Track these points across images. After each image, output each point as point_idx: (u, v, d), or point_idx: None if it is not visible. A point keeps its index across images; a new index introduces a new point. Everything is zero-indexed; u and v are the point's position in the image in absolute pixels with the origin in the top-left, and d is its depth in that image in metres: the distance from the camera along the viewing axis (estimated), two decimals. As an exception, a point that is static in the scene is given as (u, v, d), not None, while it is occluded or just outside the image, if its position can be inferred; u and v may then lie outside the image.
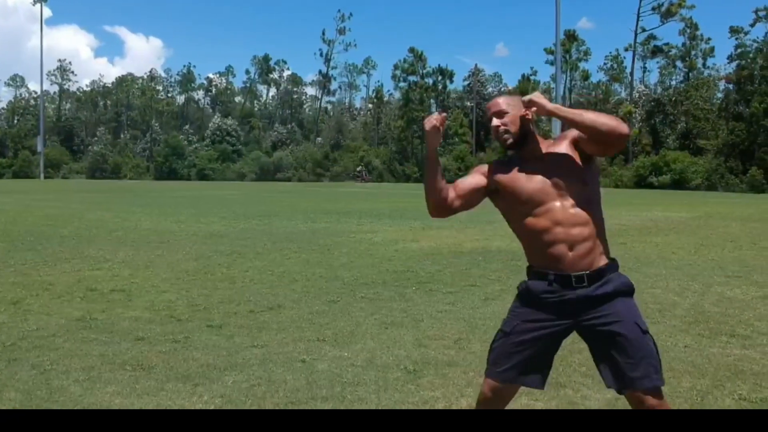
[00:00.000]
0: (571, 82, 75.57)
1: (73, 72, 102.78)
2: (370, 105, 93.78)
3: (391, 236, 13.13)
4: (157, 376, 4.35)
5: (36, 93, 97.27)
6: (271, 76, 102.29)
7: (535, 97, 2.71)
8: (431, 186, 2.76)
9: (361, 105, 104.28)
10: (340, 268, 9.04)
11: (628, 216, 18.61)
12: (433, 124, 2.70)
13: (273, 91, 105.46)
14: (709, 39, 72.21)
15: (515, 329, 2.71)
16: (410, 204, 25.36)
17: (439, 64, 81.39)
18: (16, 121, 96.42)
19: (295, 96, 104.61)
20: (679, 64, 74.16)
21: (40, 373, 4.38)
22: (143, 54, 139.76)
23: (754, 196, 39.74)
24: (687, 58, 72.16)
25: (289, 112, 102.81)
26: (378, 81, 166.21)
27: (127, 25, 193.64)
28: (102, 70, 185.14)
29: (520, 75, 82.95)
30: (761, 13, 62.06)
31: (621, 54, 74.38)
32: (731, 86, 61.77)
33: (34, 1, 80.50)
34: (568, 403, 3.94)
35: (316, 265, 9.30)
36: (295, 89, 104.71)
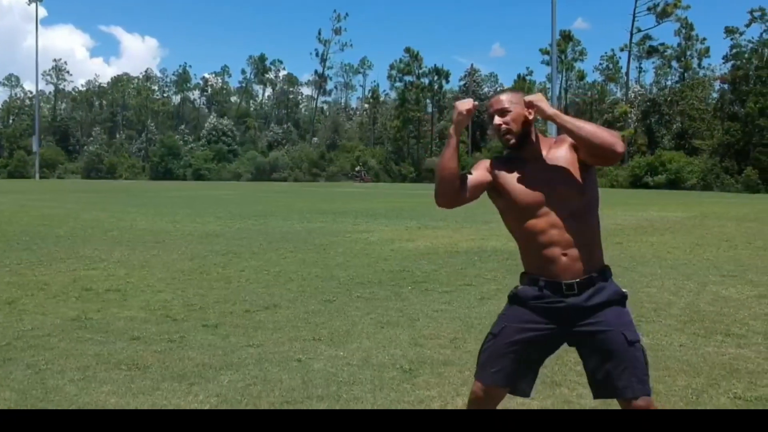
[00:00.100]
0: (566, 82, 75.85)
1: (68, 72, 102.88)
2: (366, 105, 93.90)
3: (387, 236, 13.13)
4: (152, 376, 4.34)
5: (31, 93, 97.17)
6: (267, 76, 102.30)
7: (537, 99, 2.66)
8: (449, 171, 2.65)
9: (357, 105, 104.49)
10: (335, 267, 9.04)
11: (624, 216, 18.64)
12: (468, 108, 2.65)
13: (269, 91, 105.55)
14: (705, 39, 72.48)
15: (504, 332, 2.70)
16: (406, 204, 25.38)
17: (435, 64, 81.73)
18: (11, 121, 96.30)
19: (291, 96, 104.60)
20: (675, 64, 74.38)
21: (35, 373, 4.37)
22: (139, 54, 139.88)
23: (750, 196, 39.87)
24: (682, 59, 72.35)
25: (284, 112, 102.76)
26: (374, 81, 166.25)
27: (122, 25, 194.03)
28: (97, 70, 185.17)
29: (516, 75, 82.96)
30: (756, 14, 62.23)
31: (616, 54, 74.73)
32: (726, 86, 62.00)
33: (29, 1, 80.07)
34: (563, 401, 3.94)
35: (312, 264, 9.30)
36: (291, 89, 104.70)
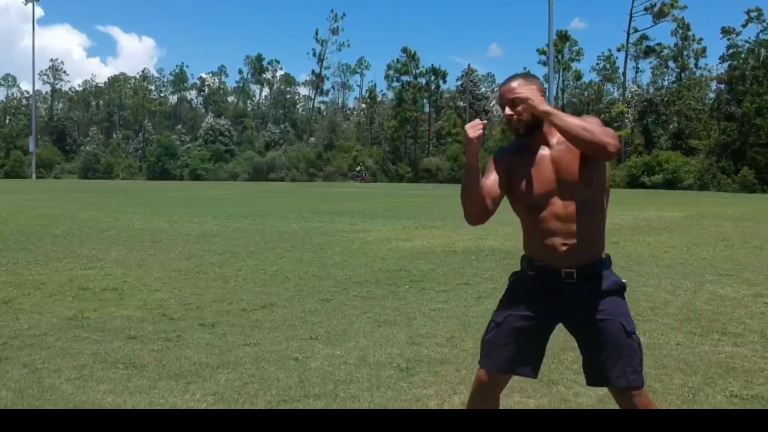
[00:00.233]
0: (563, 82, 75.80)
1: (65, 72, 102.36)
2: (363, 105, 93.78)
3: (384, 235, 13.13)
4: (149, 375, 4.34)
5: (28, 93, 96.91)
6: (264, 76, 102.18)
7: (527, 97, 2.63)
8: (473, 197, 2.67)
9: (354, 105, 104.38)
10: (332, 267, 9.04)
11: (621, 215, 18.65)
12: (479, 133, 2.62)
13: (266, 91, 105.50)
14: (701, 39, 72.65)
15: (506, 319, 2.74)
16: (403, 204, 25.39)
17: (432, 64, 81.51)
18: (7, 121, 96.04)
19: (288, 96, 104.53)
20: (672, 64, 74.49)
21: (32, 372, 4.36)
22: (136, 54, 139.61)
23: (746, 196, 39.95)
24: (679, 59, 72.45)
25: (282, 112, 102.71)
26: (371, 81, 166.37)
27: (119, 25, 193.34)
28: (94, 70, 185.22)
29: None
30: (753, 14, 62.32)
31: (613, 54, 74.54)
32: (723, 86, 62.06)
33: (26, 1, 79.95)
34: (560, 400, 3.94)
35: (309, 264, 9.30)
36: (288, 89, 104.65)
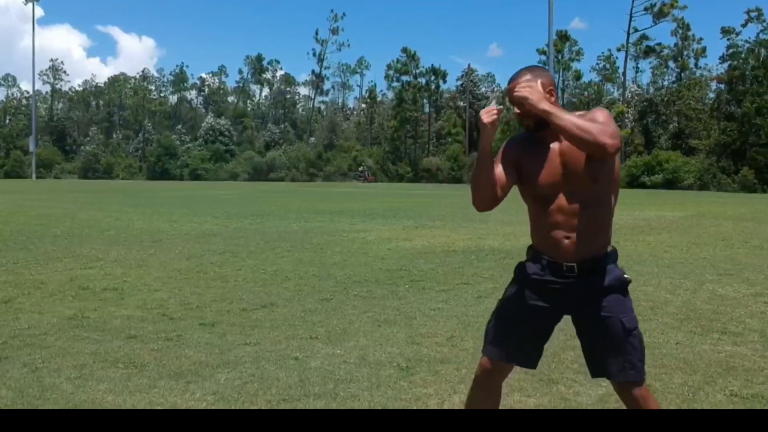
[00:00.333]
0: (563, 82, 75.74)
1: (65, 72, 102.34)
2: (363, 105, 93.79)
3: (384, 235, 13.13)
4: (149, 374, 4.34)
5: (28, 93, 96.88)
6: (264, 76, 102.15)
7: (525, 97, 2.60)
8: (486, 182, 2.68)
9: (354, 105, 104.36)
10: (333, 266, 9.04)
11: (621, 215, 18.65)
12: (494, 119, 2.62)
13: (266, 91, 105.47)
14: (701, 39, 72.58)
15: (510, 311, 2.77)
16: (403, 203, 25.39)
17: (432, 64, 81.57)
18: (7, 121, 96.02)
19: (288, 96, 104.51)
20: (672, 64, 74.46)
21: (32, 371, 4.36)
22: (136, 54, 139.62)
23: (746, 196, 39.95)
24: (679, 59, 72.43)
25: (282, 112, 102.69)
26: (371, 81, 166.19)
27: (119, 25, 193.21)
28: (94, 70, 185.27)
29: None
30: (753, 14, 62.31)
31: (613, 54, 74.54)
32: (723, 86, 62.06)
33: (26, 1, 79.89)
34: (560, 399, 3.94)
35: (309, 263, 9.29)
36: (288, 89, 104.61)
